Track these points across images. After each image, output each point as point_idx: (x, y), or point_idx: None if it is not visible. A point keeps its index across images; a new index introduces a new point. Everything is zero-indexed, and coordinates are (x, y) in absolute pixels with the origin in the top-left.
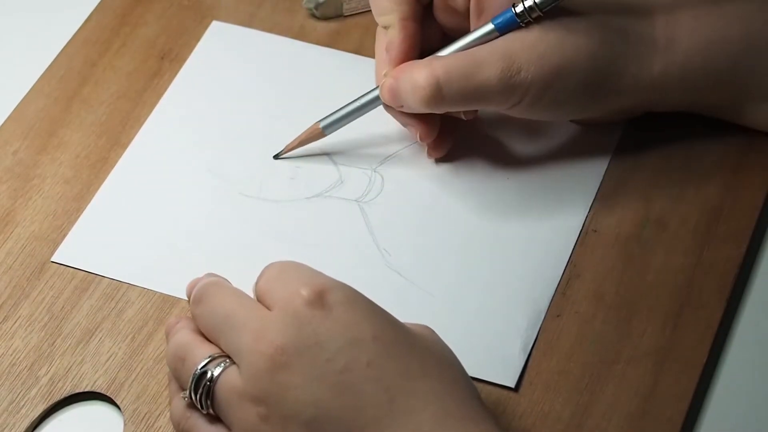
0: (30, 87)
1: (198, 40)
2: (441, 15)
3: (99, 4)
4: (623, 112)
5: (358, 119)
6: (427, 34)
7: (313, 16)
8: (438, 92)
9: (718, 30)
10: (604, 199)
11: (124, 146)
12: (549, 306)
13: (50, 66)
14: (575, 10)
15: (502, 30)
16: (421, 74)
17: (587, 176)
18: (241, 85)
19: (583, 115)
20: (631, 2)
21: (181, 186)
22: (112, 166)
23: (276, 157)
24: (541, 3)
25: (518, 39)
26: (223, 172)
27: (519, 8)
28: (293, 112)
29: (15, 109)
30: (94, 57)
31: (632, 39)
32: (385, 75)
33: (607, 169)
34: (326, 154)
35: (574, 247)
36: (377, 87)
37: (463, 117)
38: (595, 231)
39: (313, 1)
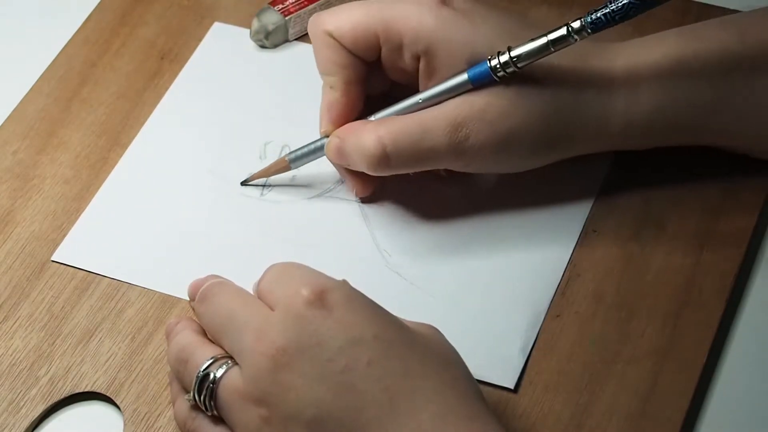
0: (30, 87)
1: (198, 40)
2: (390, 72)
3: (99, 4)
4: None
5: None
6: (376, 82)
7: (264, 47)
8: (385, 159)
9: (681, 89)
10: (604, 199)
11: (124, 146)
12: (549, 306)
13: (50, 66)
14: (531, 75)
15: (476, 83)
16: (368, 139)
17: (588, 176)
18: (242, 86)
19: (538, 166)
20: (591, 69)
21: (181, 186)
22: (112, 166)
23: (243, 183)
24: (517, 59)
25: (467, 104)
26: (223, 172)
27: (494, 62)
28: (293, 113)
29: (15, 109)
30: (94, 57)
31: (590, 104)
32: (323, 132)
33: (607, 169)
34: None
35: (574, 247)
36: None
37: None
38: (595, 231)
39: (262, 33)
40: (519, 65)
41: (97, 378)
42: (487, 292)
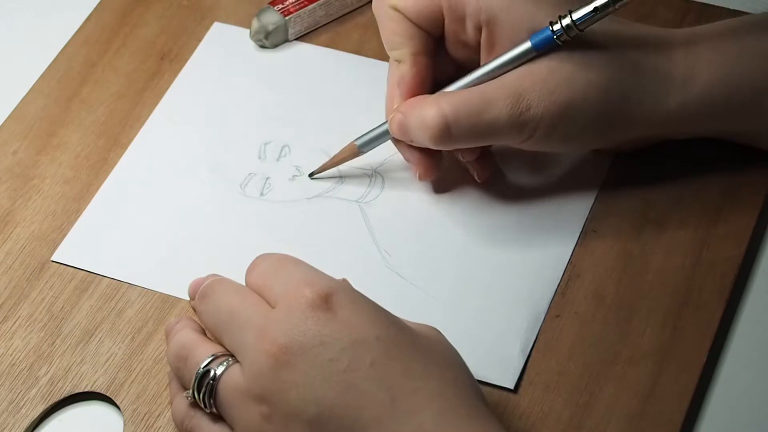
0: (30, 87)
1: (198, 40)
2: (452, 49)
3: (99, 4)
4: (639, 141)
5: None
6: (441, 67)
7: (264, 47)
8: (446, 131)
9: (739, 64)
10: (604, 199)
11: (124, 146)
12: (549, 306)
13: (50, 66)
14: (591, 41)
15: (539, 49)
16: (429, 112)
17: (588, 176)
18: (242, 86)
19: (597, 146)
20: (650, 35)
21: (181, 186)
22: (112, 166)
23: (312, 176)
24: (579, 22)
25: (527, 75)
26: (223, 172)
27: (557, 27)
28: (294, 113)
29: (15, 109)
30: (94, 57)
31: (648, 73)
32: (396, 108)
33: (607, 169)
34: (327, 154)
35: (574, 247)
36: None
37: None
38: (595, 231)
39: (262, 33)
40: (580, 26)
41: (97, 378)
42: (487, 292)
